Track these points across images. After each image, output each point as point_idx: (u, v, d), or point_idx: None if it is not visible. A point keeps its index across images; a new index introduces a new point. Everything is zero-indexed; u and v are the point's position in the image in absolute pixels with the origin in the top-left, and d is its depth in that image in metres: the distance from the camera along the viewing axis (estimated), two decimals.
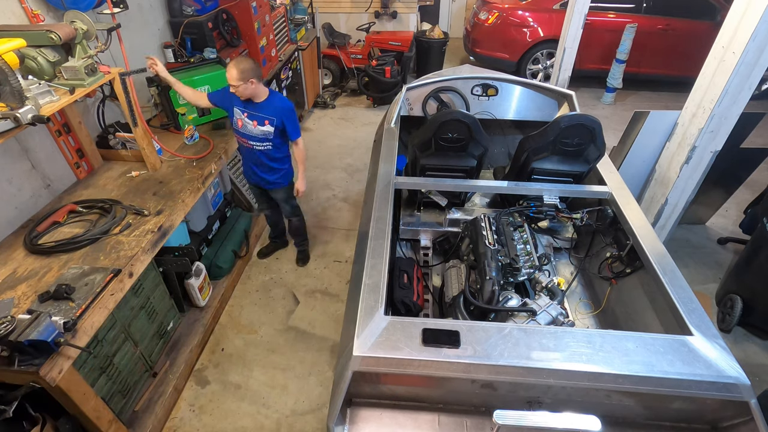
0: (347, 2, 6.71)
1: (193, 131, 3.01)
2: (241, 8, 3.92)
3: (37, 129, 2.35)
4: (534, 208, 2.47)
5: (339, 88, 6.60)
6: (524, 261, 2.21)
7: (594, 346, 1.50)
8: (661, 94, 6.64)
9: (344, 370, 1.52)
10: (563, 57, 5.25)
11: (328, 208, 4.20)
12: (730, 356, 1.48)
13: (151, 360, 2.53)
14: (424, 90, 3.18)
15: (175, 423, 2.48)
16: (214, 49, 3.56)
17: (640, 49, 5.91)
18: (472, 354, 1.48)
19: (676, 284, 1.76)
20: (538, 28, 6.32)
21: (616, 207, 2.26)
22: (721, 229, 3.94)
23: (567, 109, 3.01)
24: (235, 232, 3.40)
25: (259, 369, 2.76)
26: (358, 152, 5.08)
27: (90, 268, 1.97)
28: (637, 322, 2.05)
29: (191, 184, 2.61)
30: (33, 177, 2.39)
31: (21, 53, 1.93)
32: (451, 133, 2.43)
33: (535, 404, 1.57)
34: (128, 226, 2.25)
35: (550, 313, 1.93)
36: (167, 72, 2.71)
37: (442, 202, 2.76)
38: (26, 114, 1.74)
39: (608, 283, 2.34)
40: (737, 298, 2.91)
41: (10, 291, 1.87)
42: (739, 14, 2.39)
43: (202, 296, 2.94)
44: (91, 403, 1.86)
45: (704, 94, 2.66)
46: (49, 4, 2.39)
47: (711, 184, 3.39)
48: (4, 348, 1.56)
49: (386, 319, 1.60)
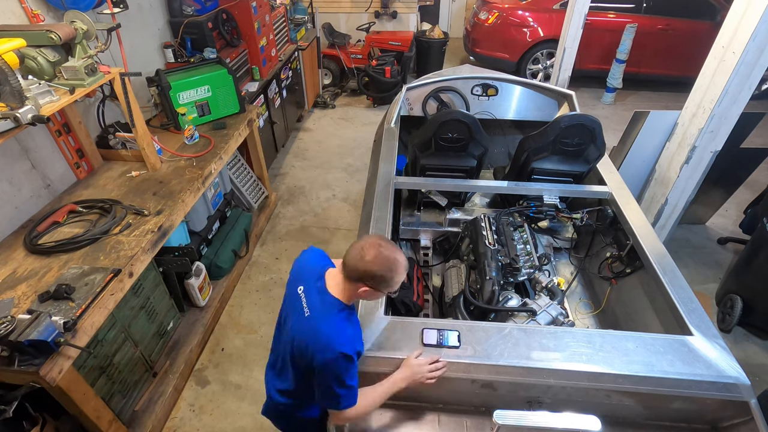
0: (347, 2, 6.71)
1: (193, 131, 3.01)
2: (241, 8, 3.92)
3: (37, 129, 2.35)
4: (534, 208, 2.47)
5: (339, 88, 6.60)
6: (524, 261, 2.21)
7: (594, 346, 1.50)
8: (661, 94, 6.63)
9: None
10: (563, 57, 5.25)
11: (328, 208, 4.20)
12: (730, 356, 1.48)
13: (151, 360, 2.53)
14: (424, 90, 3.18)
15: (175, 423, 2.48)
16: (214, 49, 3.56)
17: (640, 49, 5.90)
18: (472, 354, 1.48)
19: (676, 284, 1.76)
20: (538, 28, 6.32)
21: (616, 207, 2.26)
22: (721, 229, 3.94)
23: (567, 109, 3.01)
24: (235, 232, 3.40)
25: (260, 369, 2.76)
26: (358, 152, 5.08)
27: (90, 268, 1.97)
28: (637, 322, 2.05)
29: (191, 184, 2.61)
30: (33, 177, 2.39)
31: (21, 53, 1.93)
32: (451, 133, 2.43)
33: (535, 404, 1.57)
34: (128, 226, 2.25)
35: (550, 313, 1.93)
36: None
37: (442, 202, 2.76)
38: (26, 114, 1.73)
39: (608, 283, 2.34)
40: (737, 298, 2.91)
41: (10, 291, 1.87)
42: (739, 14, 2.39)
43: (202, 296, 2.94)
44: (91, 403, 1.86)
45: (704, 94, 2.66)
46: (49, 4, 2.39)
47: (711, 184, 3.39)
48: (4, 348, 1.55)
49: (386, 319, 1.60)
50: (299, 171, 4.77)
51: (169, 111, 3.00)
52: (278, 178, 4.67)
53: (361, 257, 1.30)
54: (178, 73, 3.14)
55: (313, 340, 1.33)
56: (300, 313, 1.40)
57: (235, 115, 3.40)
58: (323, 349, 1.30)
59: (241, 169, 3.85)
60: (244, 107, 3.43)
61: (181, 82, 3.02)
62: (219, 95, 3.24)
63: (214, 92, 3.20)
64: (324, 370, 1.31)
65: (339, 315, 1.36)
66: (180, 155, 2.85)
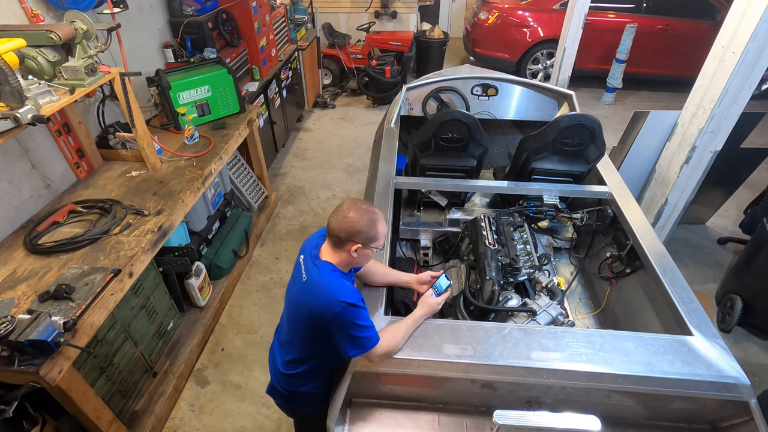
0: (347, 2, 6.71)
1: (193, 131, 3.01)
2: (241, 8, 3.92)
3: (37, 129, 2.35)
4: (534, 208, 2.47)
5: (339, 88, 6.60)
6: (524, 261, 2.20)
7: (594, 346, 1.50)
8: (661, 94, 6.63)
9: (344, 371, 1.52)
10: (563, 57, 5.25)
11: (328, 208, 4.20)
12: (730, 356, 1.48)
13: (151, 360, 2.53)
14: (424, 90, 3.18)
15: (175, 423, 2.48)
16: (214, 49, 3.56)
17: (640, 49, 5.91)
18: (472, 354, 1.48)
19: (676, 284, 1.76)
20: (538, 28, 6.32)
21: (616, 207, 2.26)
22: (721, 229, 3.94)
23: (567, 109, 3.01)
24: (235, 232, 3.40)
25: (260, 369, 2.76)
26: (358, 152, 5.08)
27: (90, 268, 1.97)
28: (637, 322, 2.05)
29: (191, 184, 2.61)
30: (33, 177, 2.39)
31: (21, 53, 1.93)
32: (451, 133, 2.43)
33: (535, 404, 1.57)
34: (128, 226, 2.25)
35: (550, 313, 1.93)
36: None
37: (442, 202, 2.76)
38: (26, 114, 1.73)
39: (608, 283, 2.34)
40: (737, 298, 2.91)
41: (10, 291, 1.87)
42: (739, 14, 2.39)
43: (202, 296, 2.94)
44: (91, 403, 1.86)
45: (704, 94, 2.66)
46: (49, 4, 2.39)
47: (711, 184, 3.39)
48: (4, 348, 1.55)
49: (386, 319, 1.60)
50: (299, 171, 4.77)
51: (169, 111, 3.00)
52: (278, 178, 4.68)
53: (344, 217, 1.43)
54: (178, 73, 3.14)
55: (314, 300, 1.42)
56: (299, 279, 1.50)
57: (235, 115, 3.40)
58: (327, 306, 1.38)
59: (241, 169, 3.85)
60: (244, 107, 3.44)
61: (181, 82, 3.03)
62: (219, 95, 3.24)
63: (214, 92, 3.20)
64: (336, 322, 1.39)
65: (332, 274, 1.45)
66: (180, 155, 2.85)
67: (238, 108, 3.39)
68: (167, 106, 2.98)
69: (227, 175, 3.51)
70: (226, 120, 3.32)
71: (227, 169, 3.52)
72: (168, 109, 2.99)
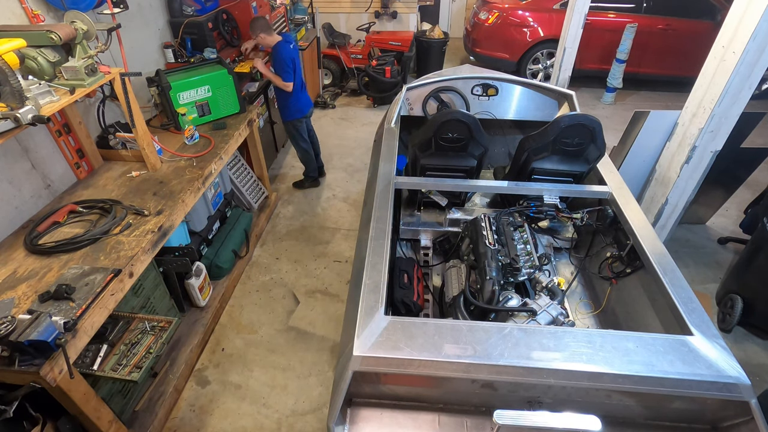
0: (347, 2, 6.71)
1: (194, 131, 3.01)
2: (241, 8, 3.92)
3: (38, 129, 2.35)
4: (534, 208, 2.46)
5: (339, 88, 6.60)
6: (524, 261, 2.20)
7: (594, 346, 1.50)
8: (661, 94, 6.63)
9: (344, 370, 1.52)
10: (563, 57, 5.25)
11: (328, 208, 4.20)
12: (731, 356, 1.48)
13: None
14: (424, 90, 3.18)
15: (175, 423, 2.48)
16: (214, 49, 3.57)
17: (640, 49, 5.91)
18: (472, 354, 1.48)
19: (677, 284, 1.76)
20: (538, 28, 6.32)
21: (617, 207, 2.26)
22: (722, 229, 3.94)
23: (567, 109, 3.01)
24: (235, 232, 3.40)
25: (260, 369, 2.76)
26: (358, 152, 5.08)
27: (90, 268, 1.97)
28: (638, 322, 2.05)
29: (191, 184, 2.61)
30: (33, 177, 2.39)
31: (21, 53, 1.93)
32: (451, 133, 2.43)
33: (535, 404, 1.57)
34: (128, 226, 2.25)
35: (550, 313, 1.93)
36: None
37: (442, 202, 2.76)
38: (26, 114, 1.74)
39: (608, 283, 2.34)
40: (737, 297, 2.91)
41: (10, 291, 1.87)
42: (739, 14, 2.39)
43: (202, 296, 2.94)
44: (91, 403, 1.86)
45: (704, 94, 2.66)
46: (49, 4, 2.39)
47: (711, 184, 3.39)
48: (5, 348, 1.56)
49: (386, 319, 1.60)
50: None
51: (170, 111, 3.00)
52: (278, 178, 4.68)
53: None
54: (178, 73, 3.14)
55: None
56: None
57: (236, 115, 3.40)
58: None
59: (241, 169, 3.85)
60: (244, 107, 3.44)
61: (181, 82, 3.03)
62: (219, 95, 3.24)
63: (214, 92, 3.20)
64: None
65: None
66: (180, 155, 2.85)
67: (238, 108, 3.40)
68: (167, 106, 2.98)
69: (227, 175, 3.51)
70: (227, 120, 3.33)
71: (227, 169, 3.52)
72: (168, 109, 2.99)
